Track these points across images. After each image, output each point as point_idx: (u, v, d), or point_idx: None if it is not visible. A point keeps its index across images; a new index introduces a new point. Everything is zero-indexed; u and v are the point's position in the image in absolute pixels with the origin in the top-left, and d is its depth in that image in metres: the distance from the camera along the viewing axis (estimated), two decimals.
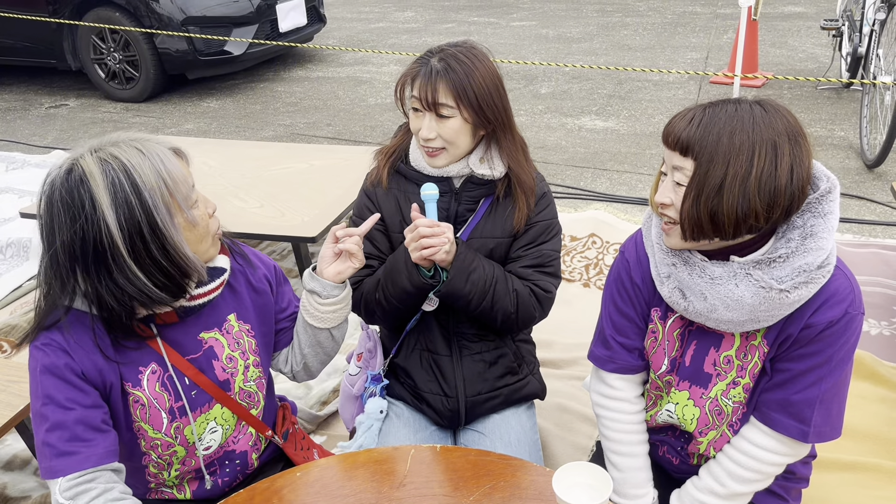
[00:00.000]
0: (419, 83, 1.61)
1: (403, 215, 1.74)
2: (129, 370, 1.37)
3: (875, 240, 3.36)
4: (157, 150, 1.25)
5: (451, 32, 8.05)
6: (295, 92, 6.34)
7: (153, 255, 1.24)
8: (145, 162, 1.23)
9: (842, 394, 1.36)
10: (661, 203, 1.30)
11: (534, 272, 1.74)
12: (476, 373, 1.81)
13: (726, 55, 6.44)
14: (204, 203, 1.35)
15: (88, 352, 1.31)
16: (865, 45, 4.55)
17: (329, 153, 3.62)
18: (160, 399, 1.40)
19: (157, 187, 1.23)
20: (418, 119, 1.64)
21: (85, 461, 1.28)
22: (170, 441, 1.44)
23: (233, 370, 1.49)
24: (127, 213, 1.21)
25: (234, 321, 1.50)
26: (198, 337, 1.44)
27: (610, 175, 4.30)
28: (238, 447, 1.56)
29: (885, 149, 3.90)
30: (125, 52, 6.01)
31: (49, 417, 1.28)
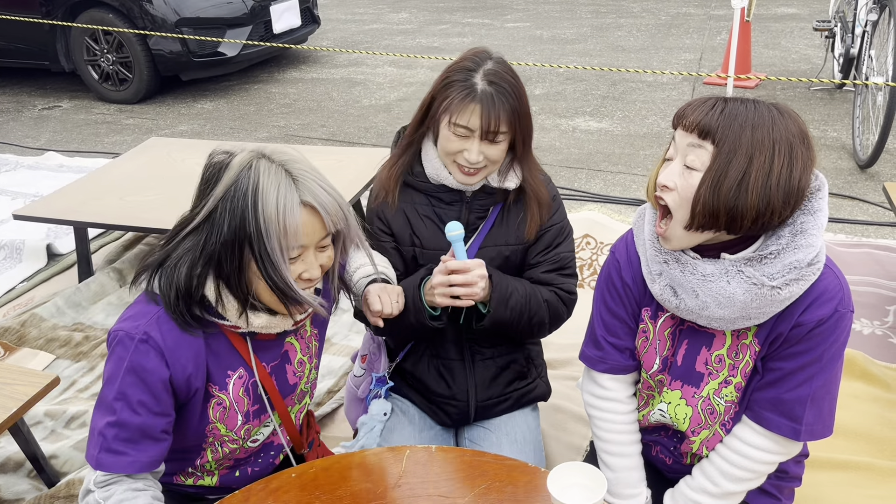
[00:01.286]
0: (472, 110, 1.54)
1: (413, 229, 1.72)
2: (218, 374, 1.38)
3: (867, 240, 3.37)
4: (289, 195, 1.23)
5: (445, 34, 8.05)
6: (289, 93, 6.34)
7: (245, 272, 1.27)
8: (273, 194, 1.22)
9: (833, 392, 1.37)
10: (663, 185, 1.29)
11: (555, 276, 1.75)
12: (488, 378, 1.81)
13: (720, 56, 6.46)
14: (305, 266, 1.31)
15: (183, 357, 1.31)
16: (858, 46, 4.57)
17: (323, 154, 3.62)
18: (241, 403, 1.42)
19: (274, 221, 1.23)
20: (461, 141, 1.58)
21: (130, 465, 1.29)
22: (236, 438, 1.46)
23: (301, 373, 1.52)
24: (237, 220, 1.23)
25: (308, 325, 1.53)
26: (280, 343, 1.47)
27: (604, 176, 4.31)
28: (276, 439, 1.58)
29: (877, 149, 3.92)
30: (119, 54, 6.00)
31: (116, 412, 1.28)
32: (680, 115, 1.30)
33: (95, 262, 3.48)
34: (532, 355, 1.90)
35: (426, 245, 1.72)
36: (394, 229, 1.73)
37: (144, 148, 3.83)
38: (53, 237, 3.76)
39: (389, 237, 1.75)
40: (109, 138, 5.46)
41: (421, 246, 1.72)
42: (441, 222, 1.69)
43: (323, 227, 1.28)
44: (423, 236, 1.71)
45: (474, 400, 1.81)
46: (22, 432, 2.13)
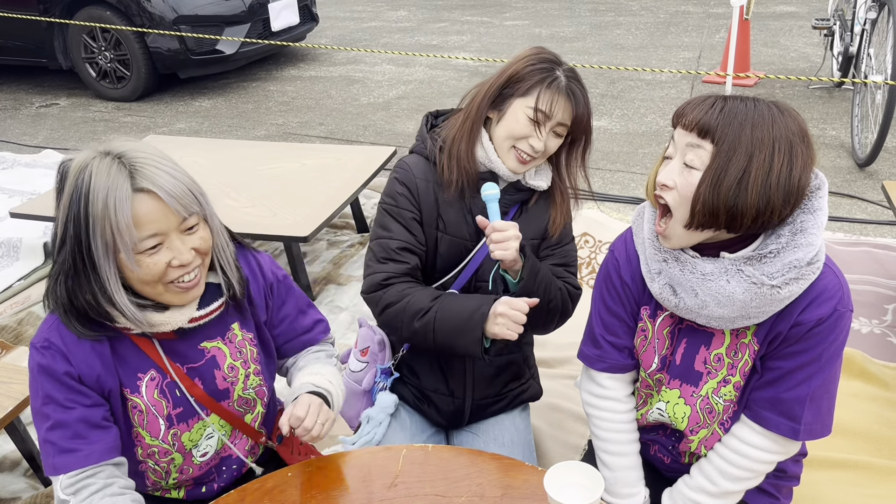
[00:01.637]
0: (555, 99, 1.58)
1: (440, 210, 1.70)
2: (127, 376, 1.36)
3: (866, 238, 3.37)
4: (119, 186, 1.20)
5: (444, 32, 8.04)
6: (287, 91, 6.33)
7: (87, 270, 1.25)
8: (102, 192, 1.20)
9: (832, 391, 1.36)
10: (662, 184, 1.29)
11: (563, 270, 1.77)
12: (486, 377, 1.81)
13: (718, 54, 6.45)
14: (173, 253, 1.28)
15: (86, 356, 1.31)
16: (857, 45, 4.57)
17: (321, 152, 3.61)
18: (158, 406, 1.39)
19: (101, 220, 1.21)
20: (532, 127, 1.60)
21: (86, 458, 1.29)
22: (167, 448, 1.43)
23: (233, 379, 1.48)
24: (75, 224, 1.23)
25: (238, 330, 1.49)
26: (199, 346, 1.44)
27: (602, 174, 4.31)
28: (234, 452, 1.55)
29: (875, 148, 3.91)
30: (116, 51, 5.98)
31: (50, 416, 1.29)
32: (679, 113, 1.29)
33: None
34: (527, 355, 1.91)
35: (449, 231, 1.71)
36: (423, 207, 1.70)
37: None
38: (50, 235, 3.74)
39: (416, 210, 1.70)
40: (107, 136, 5.45)
41: (444, 231, 1.71)
42: (469, 212, 1.70)
43: (173, 212, 1.25)
44: (449, 222, 1.70)
45: (471, 398, 1.80)
46: (18, 431, 2.12)
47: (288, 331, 1.59)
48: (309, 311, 1.63)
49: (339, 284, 3.23)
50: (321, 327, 1.65)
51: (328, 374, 1.54)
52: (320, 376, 1.52)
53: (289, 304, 1.59)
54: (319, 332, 1.64)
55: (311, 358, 1.61)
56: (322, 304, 3.08)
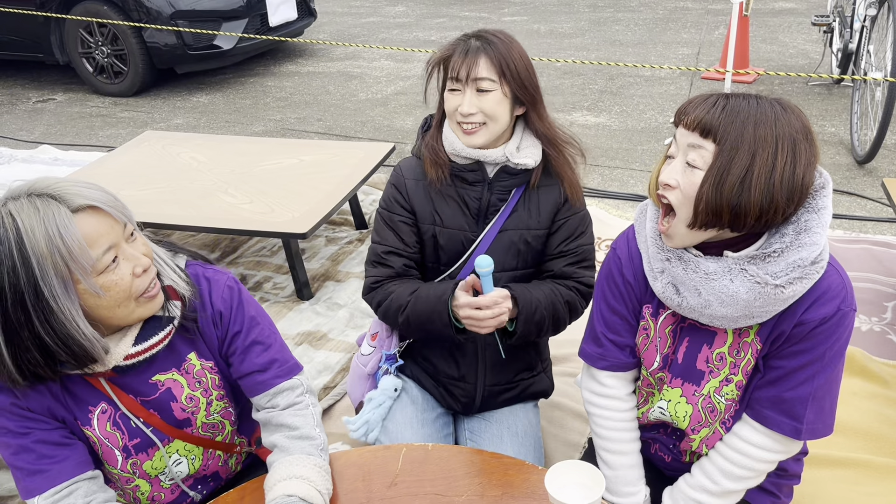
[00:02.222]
0: (458, 61, 1.63)
1: (434, 206, 1.73)
2: (78, 409, 1.32)
3: (866, 236, 3.36)
4: (56, 213, 1.12)
5: (442, 27, 8.02)
6: (285, 87, 6.30)
7: (36, 330, 1.14)
8: (39, 227, 1.11)
9: (834, 390, 1.35)
10: (665, 184, 1.28)
11: (577, 268, 1.76)
12: (498, 363, 1.82)
13: (717, 51, 6.44)
14: (132, 262, 1.22)
15: (32, 393, 1.27)
16: (856, 42, 4.56)
17: (319, 149, 3.60)
18: (112, 438, 1.35)
19: (50, 255, 1.11)
20: (456, 97, 1.64)
21: (57, 476, 1.27)
22: (127, 476, 1.40)
23: (193, 409, 1.42)
24: (13, 279, 1.12)
25: (196, 359, 1.41)
26: (150, 380, 1.36)
27: (601, 171, 4.30)
28: (210, 470, 1.52)
29: (875, 145, 3.90)
30: (113, 46, 5.95)
31: (10, 444, 1.27)
32: (681, 112, 1.28)
33: None
34: (540, 348, 1.92)
35: (446, 224, 1.73)
36: (415, 206, 1.74)
37: (139, 141, 3.80)
38: None
39: (407, 212, 1.75)
40: (104, 131, 5.43)
41: (441, 224, 1.73)
42: (464, 203, 1.71)
43: (114, 220, 1.20)
44: (445, 214, 1.72)
45: (482, 384, 1.81)
46: None
47: (238, 366, 1.43)
48: (269, 348, 1.44)
49: (337, 281, 3.22)
50: (278, 370, 1.43)
51: (307, 473, 1.33)
52: (297, 480, 1.31)
53: (241, 335, 1.42)
54: (274, 375, 1.42)
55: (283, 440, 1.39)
56: (320, 301, 3.07)
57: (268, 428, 1.43)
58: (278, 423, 1.41)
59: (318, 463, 1.36)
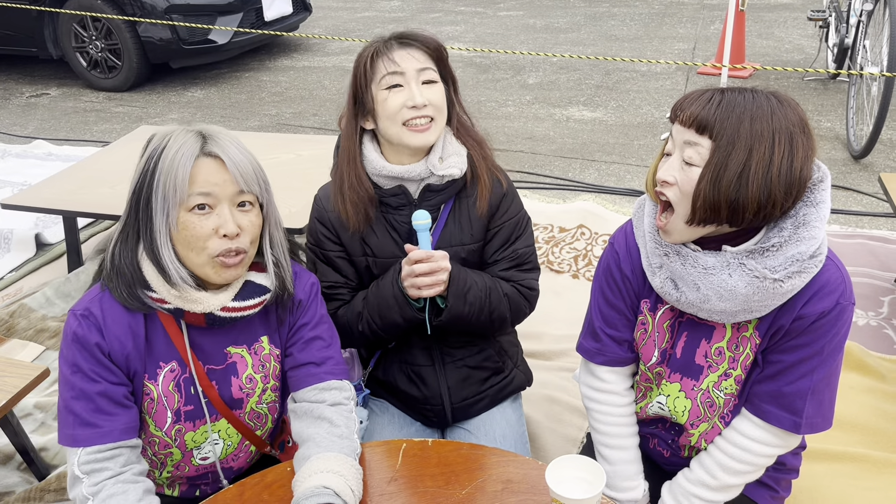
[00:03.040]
0: (395, 55, 1.54)
1: (363, 238, 1.65)
2: (150, 362, 1.37)
3: (862, 230, 3.37)
4: (186, 149, 1.26)
5: (438, 22, 8.00)
6: (280, 81, 6.29)
7: (139, 229, 1.30)
8: (172, 151, 1.26)
9: (833, 384, 1.36)
10: (662, 181, 1.27)
11: (515, 272, 1.71)
12: (460, 379, 1.77)
13: (713, 46, 6.44)
14: (220, 220, 1.28)
15: (120, 335, 1.32)
16: (852, 36, 4.56)
17: (316, 143, 3.58)
18: (170, 398, 1.39)
19: (166, 175, 1.25)
20: (399, 93, 1.54)
21: (106, 435, 1.30)
22: (168, 441, 1.42)
23: (250, 391, 1.46)
24: (142, 180, 1.28)
25: (266, 343, 1.47)
26: (224, 349, 1.42)
27: (598, 166, 4.30)
28: (236, 464, 1.54)
29: (871, 140, 3.91)
30: (107, 41, 5.92)
31: (76, 385, 1.30)
32: (677, 108, 1.27)
33: (85, 251, 3.44)
34: (504, 346, 1.84)
35: (378, 254, 1.66)
36: (342, 239, 1.66)
37: (134, 136, 3.78)
38: (42, 227, 3.71)
39: (338, 247, 1.68)
40: (98, 126, 5.40)
41: (373, 255, 1.66)
42: (392, 229, 1.64)
43: (233, 181, 1.28)
44: (374, 245, 1.65)
45: (449, 403, 1.78)
46: (11, 424, 2.10)
47: (297, 355, 1.48)
48: (329, 346, 1.50)
49: None
50: (332, 367, 1.47)
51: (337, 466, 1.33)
52: (327, 474, 1.30)
53: (307, 327, 1.49)
54: (327, 371, 1.47)
55: (323, 434, 1.39)
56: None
57: (306, 419, 1.43)
58: (321, 415, 1.42)
59: (356, 465, 1.37)
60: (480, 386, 1.80)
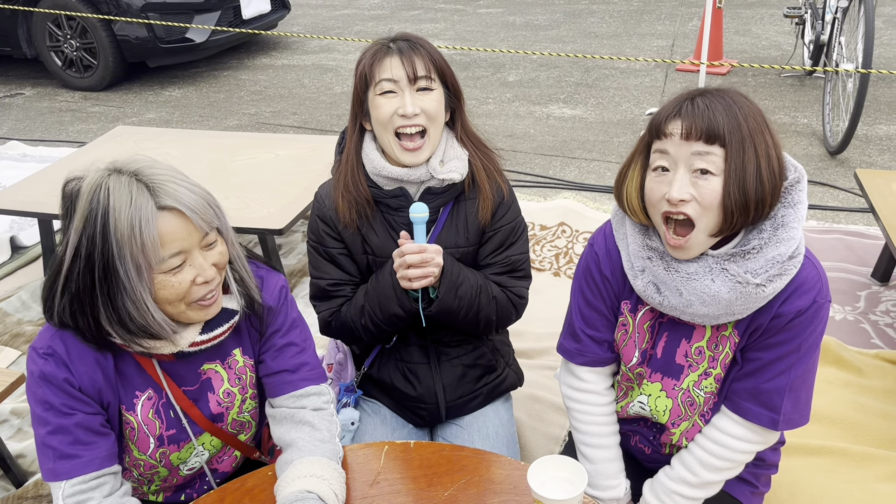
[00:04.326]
0: (393, 62, 1.54)
1: (364, 237, 1.66)
2: (125, 393, 1.34)
3: (838, 226, 3.41)
4: (143, 206, 1.17)
5: (417, 19, 7.98)
6: (259, 80, 6.24)
7: (93, 296, 1.21)
8: (125, 212, 1.16)
9: (810, 381, 1.37)
10: (679, 199, 1.23)
11: (506, 278, 1.71)
12: (455, 378, 1.79)
13: (692, 43, 6.48)
14: (197, 271, 1.24)
15: (89, 369, 1.28)
16: (828, 33, 4.61)
17: (295, 143, 3.56)
18: (151, 426, 1.37)
19: (128, 240, 1.17)
20: (392, 100, 1.54)
21: (88, 465, 1.27)
22: (153, 463, 1.41)
23: (229, 404, 1.44)
24: (88, 247, 1.18)
25: (240, 355, 1.44)
26: (198, 370, 1.40)
27: (578, 163, 4.31)
28: (221, 466, 1.53)
29: (847, 136, 3.95)
30: (82, 40, 5.85)
31: (50, 421, 1.27)
32: (662, 125, 1.25)
33: None
34: (497, 346, 1.87)
35: (378, 253, 1.67)
36: (344, 237, 1.67)
37: (111, 136, 3.74)
38: (17, 229, 3.66)
39: (340, 244, 1.68)
40: (74, 127, 5.33)
41: (373, 254, 1.67)
42: (391, 228, 1.65)
43: (196, 229, 1.22)
44: (375, 245, 1.66)
45: (443, 401, 1.78)
46: None
47: (269, 363, 1.46)
48: (303, 351, 1.47)
49: None
50: (308, 373, 1.46)
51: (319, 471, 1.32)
52: (310, 479, 1.30)
53: (279, 333, 1.46)
54: (303, 377, 1.45)
55: (305, 438, 1.39)
56: (298, 297, 3.04)
57: (286, 424, 1.42)
58: (303, 419, 1.41)
59: (339, 469, 1.36)
60: (475, 384, 1.81)
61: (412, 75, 1.53)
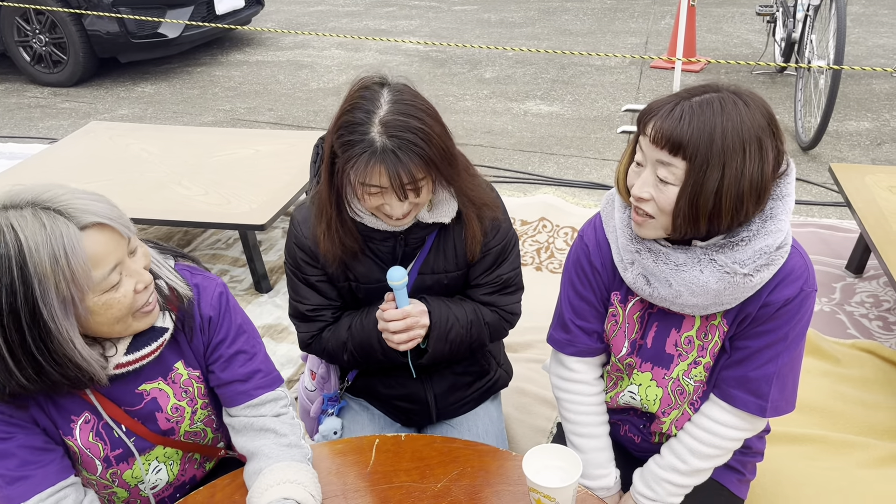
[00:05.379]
0: (378, 170, 1.35)
1: (346, 266, 1.59)
2: (61, 419, 1.27)
3: (812, 219, 3.47)
4: (63, 232, 1.06)
5: (392, 16, 7.96)
6: (234, 76, 6.17)
7: (29, 349, 1.09)
8: (45, 245, 1.05)
9: (796, 369, 1.39)
10: (638, 197, 1.27)
11: (497, 297, 1.67)
12: (447, 387, 1.77)
13: (665, 40, 6.55)
14: (134, 278, 1.17)
15: (18, 399, 1.21)
16: (799, 31, 4.68)
17: (274, 139, 3.53)
18: (93, 448, 1.30)
19: (52, 274, 1.05)
20: (377, 197, 1.41)
21: (42, 482, 1.22)
22: (107, 483, 1.35)
23: (178, 419, 1.38)
24: (9, 297, 1.05)
25: (183, 368, 1.37)
26: (136, 390, 1.32)
27: (557, 159, 4.33)
28: (188, 475, 1.48)
29: (819, 131, 4.02)
30: (52, 35, 5.74)
31: None
32: (645, 121, 1.25)
33: None
34: (489, 348, 1.85)
35: (361, 280, 1.60)
36: (326, 267, 1.60)
37: (85, 132, 3.67)
38: None
39: (319, 272, 1.61)
40: (44, 123, 5.23)
41: (356, 280, 1.61)
42: (376, 257, 1.58)
43: (121, 236, 1.14)
44: (359, 272, 1.60)
45: (434, 408, 1.78)
46: None
47: (219, 374, 1.39)
48: (252, 358, 1.40)
49: None
50: (261, 380, 1.39)
51: (295, 476, 1.29)
52: (288, 485, 1.27)
53: (225, 343, 1.38)
54: (256, 386, 1.39)
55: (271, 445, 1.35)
56: (280, 294, 3.02)
57: (247, 433, 1.38)
58: (264, 427, 1.37)
59: (311, 470, 1.34)
60: (466, 391, 1.80)
61: (400, 185, 1.37)
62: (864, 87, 5.25)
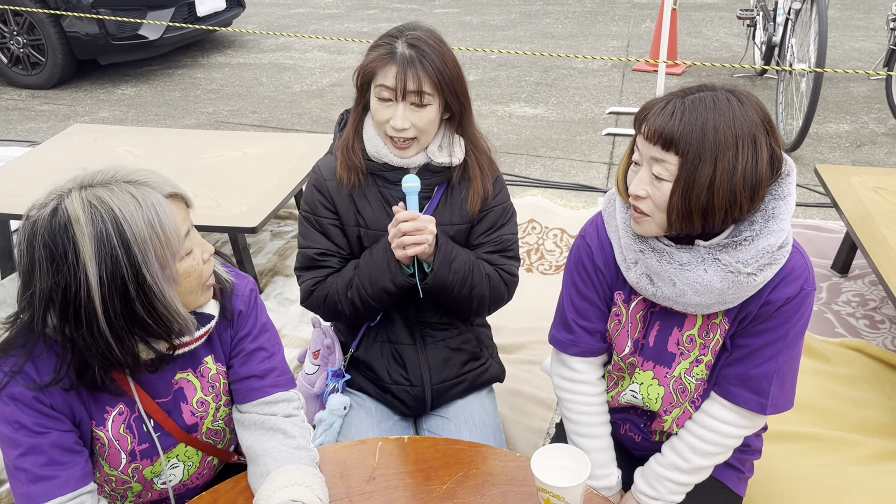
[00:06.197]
0: (392, 71, 1.53)
1: (357, 208, 1.69)
2: (96, 409, 1.28)
3: (797, 220, 3.52)
4: (153, 199, 1.13)
5: (373, 19, 7.95)
6: (216, 78, 6.13)
7: (137, 313, 1.14)
8: (138, 212, 1.10)
9: (795, 367, 1.41)
10: (635, 195, 1.29)
11: (498, 257, 1.74)
12: (441, 360, 1.80)
13: (646, 43, 6.61)
14: (200, 248, 1.24)
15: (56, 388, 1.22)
16: (780, 35, 4.74)
17: (262, 141, 3.51)
18: (122, 441, 1.31)
19: (150, 239, 1.11)
20: (387, 109, 1.57)
21: (64, 486, 1.21)
22: (125, 479, 1.35)
23: (203, 414, 1.39)
24: (111, 267, 1.09)
25: (212, 363, 1.39)
26: (172, 380, 1.34)
27: (543, 161, 4.35)
28: (202, 479, 1.48)
29: (801, 134, 4.08)
30: (30, 36, 5.65)
31: (22, 442, 1.20)
32: (640, 120, 1.28)
33: None
34: (482, 337, 1.90)
35: (370, 225, 1.69)
36: (338, 207, 1.70)
37: (67, 135, 3.62)
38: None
39: (333, 215, 1.71)
40: (23, 125, 5.15)
41: (366, 226, 1.69)
42: (386, 203, 1.68)
43: (187, 205, 1.24)
44: (368, 217, 1.69)
45: (429, 384, 1.79)
46: None
47: (238, 369, 1.41)
48: (272, 356, 1.43)
49: (286, 276, 3.15)
50: (276, 378, 1.42)
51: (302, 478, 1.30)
52: (295, 487, 1.27)
53: (249, 338, 1.41)
54: (272, 383, 1.41)
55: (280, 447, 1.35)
56: (270, 297, 3.00)
57: (257, 431, 1.38)
58: (275, 427, 1.37)
59: (319, 474, 1.34)
60: (460, 368, 1.83)
61: (403, 91, 1.54)
62: (843, 89, 5.33)
